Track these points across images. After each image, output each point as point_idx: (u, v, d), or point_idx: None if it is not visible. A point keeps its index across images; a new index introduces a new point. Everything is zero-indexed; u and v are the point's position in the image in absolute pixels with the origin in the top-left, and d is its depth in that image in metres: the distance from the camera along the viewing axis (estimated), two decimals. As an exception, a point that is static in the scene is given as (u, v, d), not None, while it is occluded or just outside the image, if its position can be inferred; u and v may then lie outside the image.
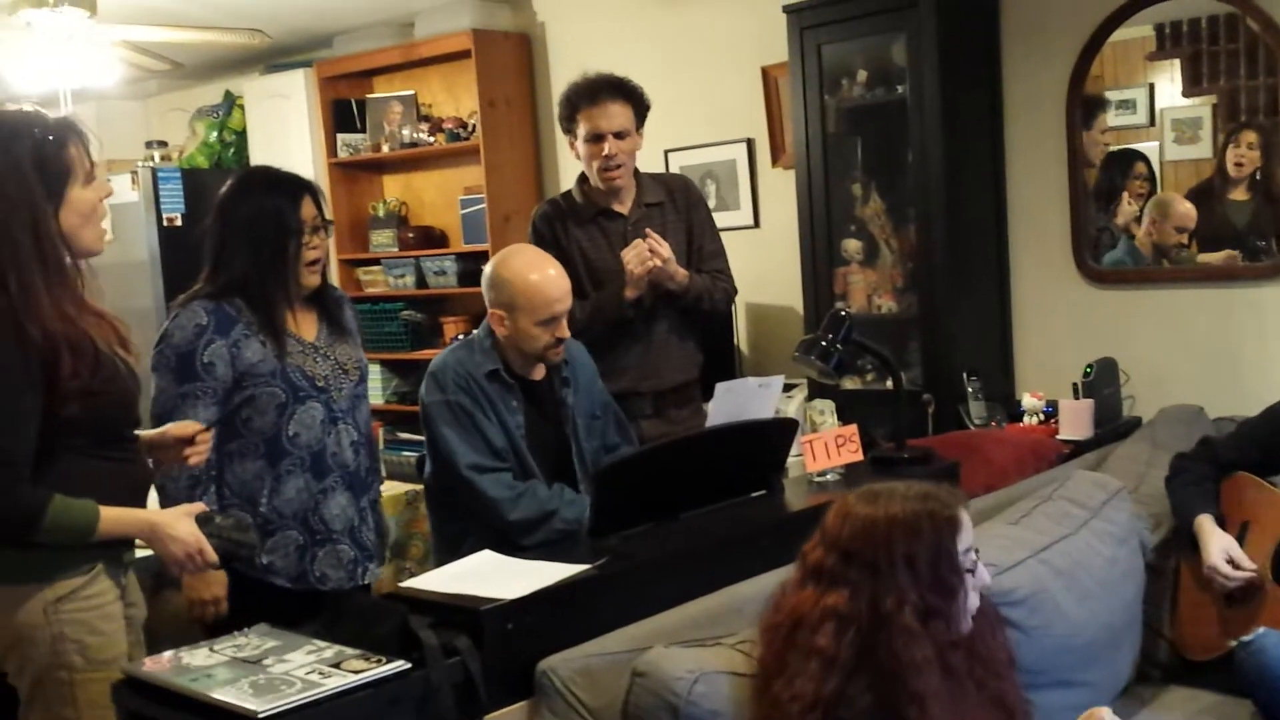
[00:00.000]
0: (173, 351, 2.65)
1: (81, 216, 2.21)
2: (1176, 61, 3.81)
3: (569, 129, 3.45)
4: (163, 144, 6.52)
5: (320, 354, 2.79)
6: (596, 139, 3.37)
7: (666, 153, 4.96)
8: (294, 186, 2.77)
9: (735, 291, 3.62)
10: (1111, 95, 3.91)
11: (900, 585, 1.81)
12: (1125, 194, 3.93)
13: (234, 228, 2.73)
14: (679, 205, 3.54)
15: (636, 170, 3.52)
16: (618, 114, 3.37)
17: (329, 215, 2.84)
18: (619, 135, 3.37)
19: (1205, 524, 2.76)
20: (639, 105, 3.43)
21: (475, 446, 2.83)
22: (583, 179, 3.51)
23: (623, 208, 3.48)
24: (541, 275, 2.88)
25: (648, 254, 3.30)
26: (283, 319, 2.73)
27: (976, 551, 1.93)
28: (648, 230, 3.38)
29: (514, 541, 2.69)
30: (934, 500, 1.88)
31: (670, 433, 3.37)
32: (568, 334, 2.92)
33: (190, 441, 2.44)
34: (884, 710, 1.79)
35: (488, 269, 2.95)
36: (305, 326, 2.80)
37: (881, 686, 1.79)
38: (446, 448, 2.85)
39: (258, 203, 2.73)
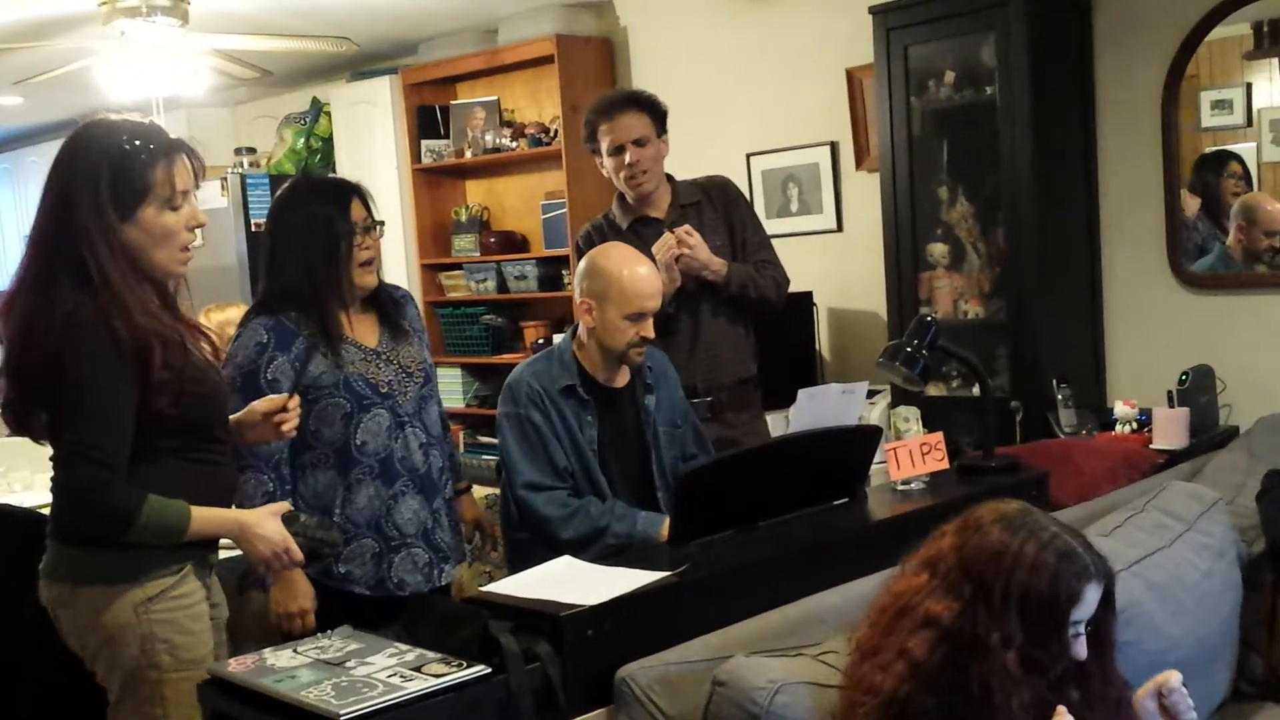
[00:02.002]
0: (236, 371, 2.68)
1: (152, 238, 2.21)
2: (1275, 60, 3.72)
3: (593, 149, 3.53)
4: (251, 150, 6.65)
5: (382, 359, 2.80)
6: (617, 151, 3.45)
7: (749, 156, 4.94)
8: (340, 190, 2.79)
9: (787, 280, 3.58)
10: (1208, 95, 3.81)
11: (1008, 625, 1.77)
12: (1184, 190, 3.85)
13: (284, 237, 2.76)
14: (716, 203, 3.57)
15: (671, 177, 3.57)
16: (634, 124, 3.44)
17: (378, 215, 2.85)
18: (638, 143, 3.44)
19: None
20: (655, 113, 3.49)
21: (536, 464, 2.86)
22: (620, 195, 3.57)
23: (658, 213, 3.52)
24: (636, 270, 2.91)
25: (674, 243, 3.34)
26: (338, 325, 2.75)
27: (1088, 625, 1.86)
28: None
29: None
30: (1069, 564, 1.81)
31: (728, 438, 3.37)
32: (652, 334, 2.93)
33: (280, 413, 2.45)
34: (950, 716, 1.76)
35: (583, 261, 2.99)
36: (365, 332, 2.82)
37: (959, 706, 1.76)
38: (509, 462, 2.89)
39: (306, 210, 2.75)
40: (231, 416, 2.45)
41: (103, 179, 2.17)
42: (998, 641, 1.76)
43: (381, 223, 2.84)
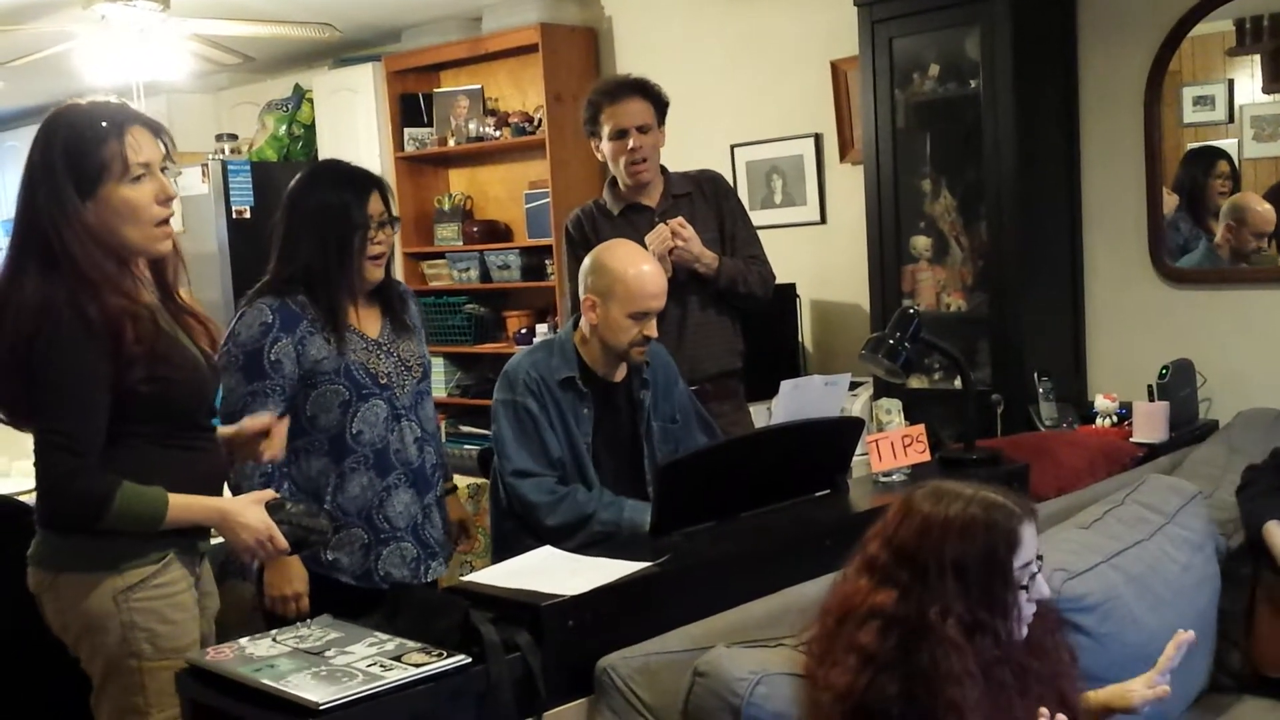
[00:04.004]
0: (240, 350, 2.67)
1: (118, 215, 2.18)
2: (1257, 57, 3.73)
3: (593, 131, 3.52)
4: (233, 137, 6.60)
5: (383, 351, 2.79)
6: (620, 135, 3.44)
7: (733, 148, 4.94)
8: (362, 181, 2.78)
9: (774, 277, 3.59)
10: (1190, 91, 3.83)
11: (947, 595, 1.79)
12: (1164, 187, 3.87)
13: (300, 220, 2.75)
14: (708, 195, 3.57)
15: (664, 168, 3.57)
16: (639, 110, 3.44)
17: (396, 211, 2.85)
18: (641, 130, 3.44)
19: (1275, 530, 2.70)
20: (658, 102, 3.50)
21: (528, 451, 2.86)
22: (612, 182, 3.56)
23: (650, 201, 3.52)
24: (641, 268, 2.90)
25: (669, 235, 3.34)
26: (345, 313, 2.74)
27: (1039, 561, 1.88)
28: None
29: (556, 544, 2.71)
30: (997, 511, 1.84)
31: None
32: (655, 333, 2.93)
33: (265, 435, 2.44)
34: (912, 705, 1.77)
35: (588, 258, 2.97)
36: (368, 323, 2.81)
37: (915, 688, 1.77)
38: (501, 449, 2.89)
39: (324, 196, 2.74)
40: (222, 430, 2.43)
41: (58, 162, 2.16)
42: (937, 615, 1.78)
43: (397, 219, 2.83)
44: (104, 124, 2.18)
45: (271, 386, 2.67)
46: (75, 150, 2.16)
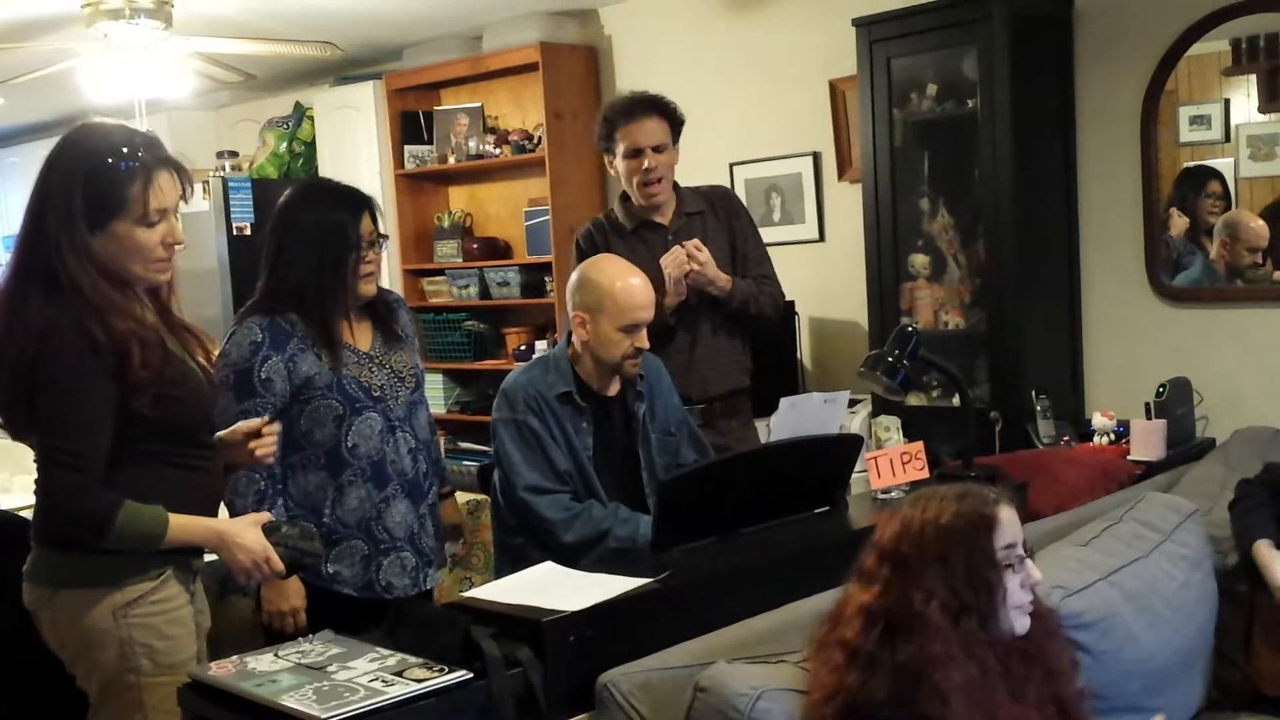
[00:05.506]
0: (230, 369, 2.67)
1: (125, 252, 2.19)
2: (1253, 77, 3.74)
3: (607, 148, 3.51)
4: (233, 154, 6.63)
5: (375, 363, 2.80)
6: (635, 154, 3.43)
7: (731, 166, 4.96)
8: (355, 201, 2.79)
9: (783, 297, 3.61)
10: (1186, 110, 3.85)
11: (930, 583, 1.84)
12: (1174, 209, 3.88)
13: (294, 238, 2.74)
14: (719, 214, 3.57)
15: (676, 184, 3.57)
16: (655, 129, 3.43)
17: (384, 229, 2.86)
18: (657, 149, 3.43)
19: (1263, 549, 2.69)
20: (673, 120, 3.49)
21: (537, 468, 2.87)
22: (624, 196, 3.56)
23: (663, 219, 3.52)
24: (629, 281, 2.92)
25: (685, 258, 3.33)
26: (339, 331, 2.75)
27: (1026, 546, 1.94)
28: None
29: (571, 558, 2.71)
30: (971, 498, 1.91)
31: (720, 444, 3.37)
32: (646, 345, 2.93)
33: (257, 435, 2.44)
34: (902, 705, 1.78)
35: (575, 274, 2.99)
36: (360, 336, 2.82)
37: (901, 680, 1.79)
38: (509, 467, 2.89)
39: (320, 214, 2.74)
40: (218, 434, 2.43)
41: (76, 189, 2.15)
42: (922, 600, 1.82)
43: (386, 237, 2.85)
44: (134, 163, 2.17)
45: (263, 405, 2.67)
46: (98, 181, 2.16)
